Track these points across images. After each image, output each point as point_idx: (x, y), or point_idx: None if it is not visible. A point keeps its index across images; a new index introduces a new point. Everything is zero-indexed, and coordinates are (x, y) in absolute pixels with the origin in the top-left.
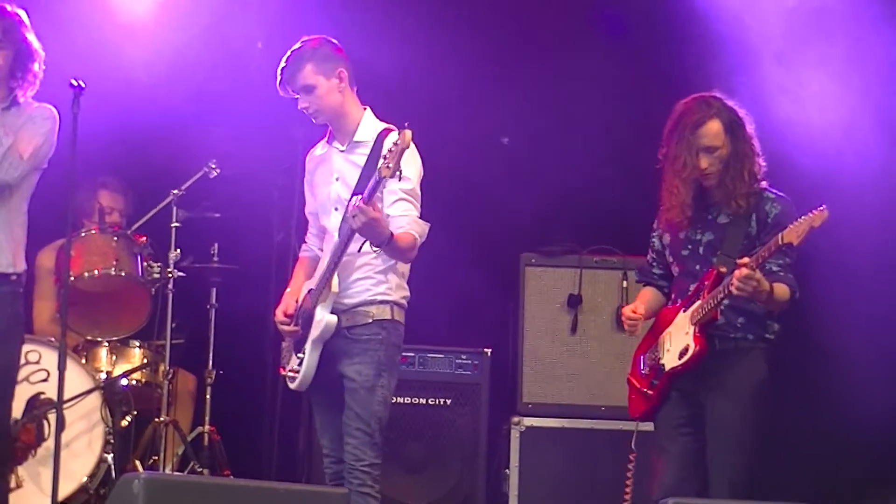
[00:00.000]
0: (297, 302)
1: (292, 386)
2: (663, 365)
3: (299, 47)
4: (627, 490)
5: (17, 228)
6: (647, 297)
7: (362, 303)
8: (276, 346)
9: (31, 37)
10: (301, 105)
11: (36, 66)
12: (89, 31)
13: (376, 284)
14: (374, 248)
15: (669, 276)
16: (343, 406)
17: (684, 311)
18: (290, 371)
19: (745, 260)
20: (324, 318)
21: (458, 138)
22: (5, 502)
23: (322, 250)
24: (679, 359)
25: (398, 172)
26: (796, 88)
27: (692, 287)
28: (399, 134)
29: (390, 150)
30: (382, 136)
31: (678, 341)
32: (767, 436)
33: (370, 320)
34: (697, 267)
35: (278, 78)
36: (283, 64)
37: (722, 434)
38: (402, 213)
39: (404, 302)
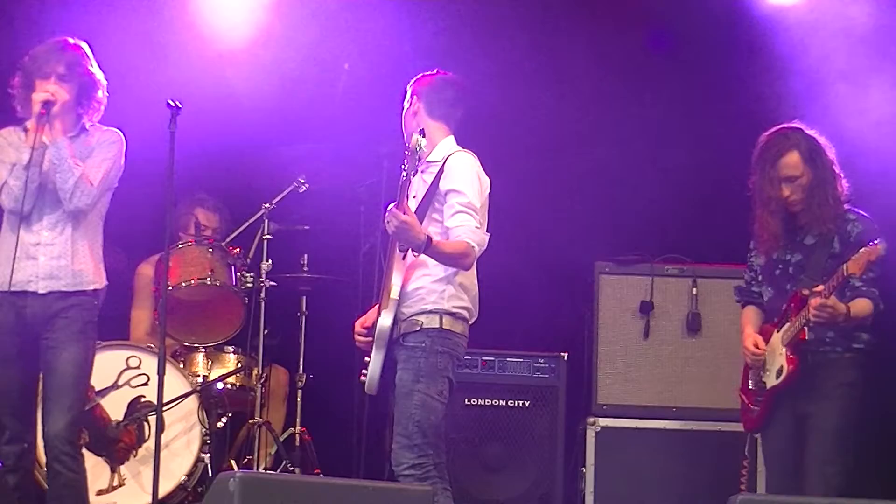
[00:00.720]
0: (361, 320)
1: (365, 389)
2: (765, 383)
3: None
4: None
5: (97, 247)
6: (752, 319)
7: (416, 312)
8: (363, 352)
9: (94, 67)
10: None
11: (100, 94)
12: (188, 56)
13: (428, 294)
14: (415, 254)
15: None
16: None
17: (777, 332)
18: (363, 375)
19: (819, 288)
20: (380, 322)
21: (535, 152)
22: (86, 491)
23: None
24: (776, 378)
25: (419, 166)
26: (865, 108)
27: (783, 307)
28: (413, 138)
29: (412, 150)
30: (449, 157)
31: (775, 361)
32: (864, 439)
33: (418, 328)
34: (788, 286)
35: None
36: None
37: (819, 436)
38: (460, 224)
39: (461, 312)
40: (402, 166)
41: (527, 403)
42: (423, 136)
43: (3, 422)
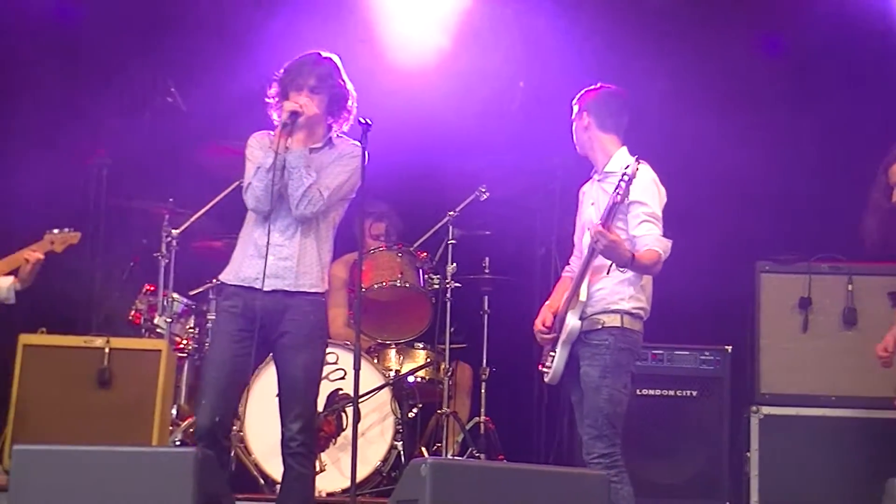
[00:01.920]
0: (553, 314)
1: (546, 380)
2: None
3: None
4: None
5: (325, 254)
6: None
7: (598, 311)
8: (541, 346)
9: (345, 79)
10: None
11: (349, 104)
12: (378, 77)
13: (610, 294)
14: (620, 269)
15: None
16: None
17: None
18: (544, 367)
19: None
20: (570, 322)
21: (696, 155)
22: (313, 484)
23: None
24: None
25: (626, 198)
26: None
27: None
28: (628, 166)
29: (621, 181)
30: (626, 167)
31: None
32: None
33: (600, 327)
34: None
35: None
36: None
37: None
38: (646, 233)
39: (639, 311)
40: (616, 191)
41: (694, 393)
42: (639, 164)
43: (205, 392)
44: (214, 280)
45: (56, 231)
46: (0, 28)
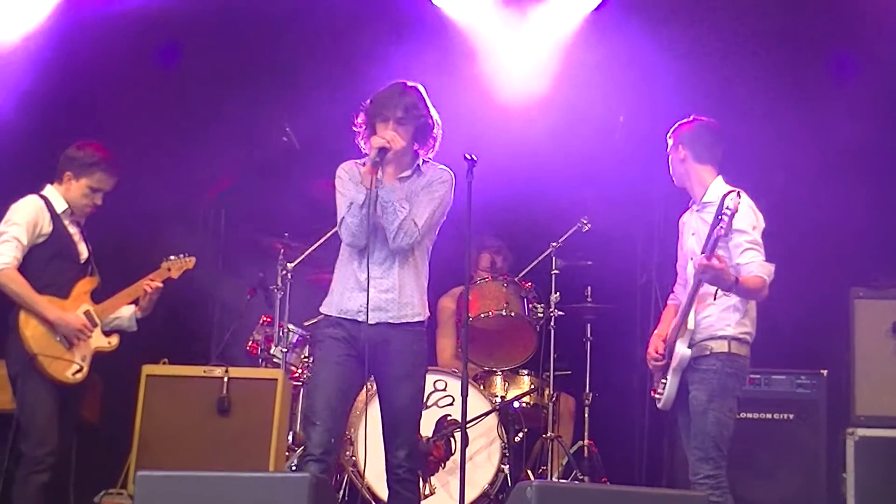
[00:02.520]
0: (663, 342)
1: (659, 406)
2: None
3: None
4: None
5: (423, 280)
6: None
7: (706, 338)
8: (641, 372)
9: (430, 107)
10: None
11: (435, 131)
12: (481, 114)
13: (717, 321)
14: (726, 293)
15: None
16: None
17: None
18: (656, 394)
19: None
20: (679, 351)
21: (785, 184)
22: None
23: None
24: None
25: (729, 231)
26: None
27: None
28: (731, 199)
29: (723, 215)
30: (725, 197)
31: None
32: None
33: (708, 353)
34: None
35: None
36: None
37: None
38: (750, 261)
39: (745, 336)
40: (720, 226)
41: (791, 416)
42: (739, 198)
43: (318, 414)
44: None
45: (172, 258)
46: (129, 68)
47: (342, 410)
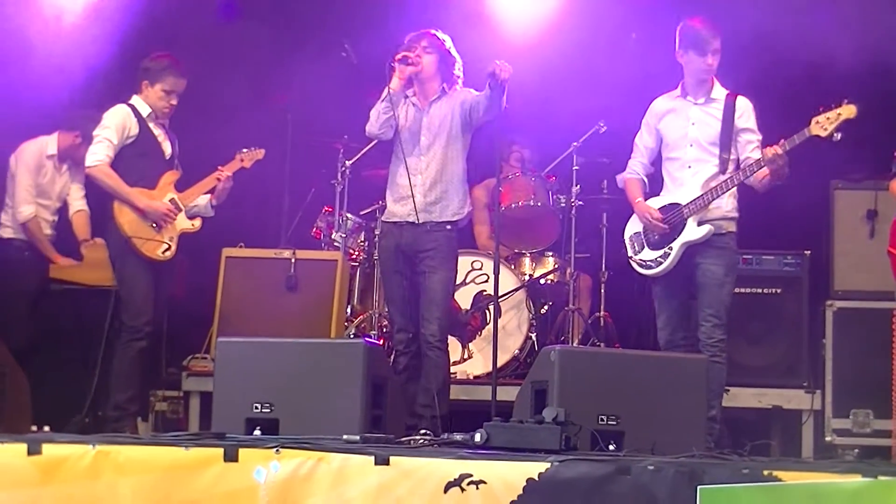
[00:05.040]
0: (651, 210)
1: (649, 272)
2: None
3: None
4: None
5: (462, 179)
6: None
7: (718, 217)
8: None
9: (452, 49)
10: None
11: (457, 69)
12: (508, 34)
13: (725, 203)
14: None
15: None
16: (683, 295)
17: None
18: (649, 260)
19: None
20: (697, 227)
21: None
22: (448, 369)
23: (647, 177)
24: None
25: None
26: None
27: None
28: (743, 100)
29: (828, 118)
30: (731, 98)
31: None
32: None
33: (724, 232)
34: None
35: None
36: None
37: None
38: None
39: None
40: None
41: (778, 291)
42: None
43: (393, 317)
44: (379, 202)
45: (245, 150)
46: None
47: (410, 308)
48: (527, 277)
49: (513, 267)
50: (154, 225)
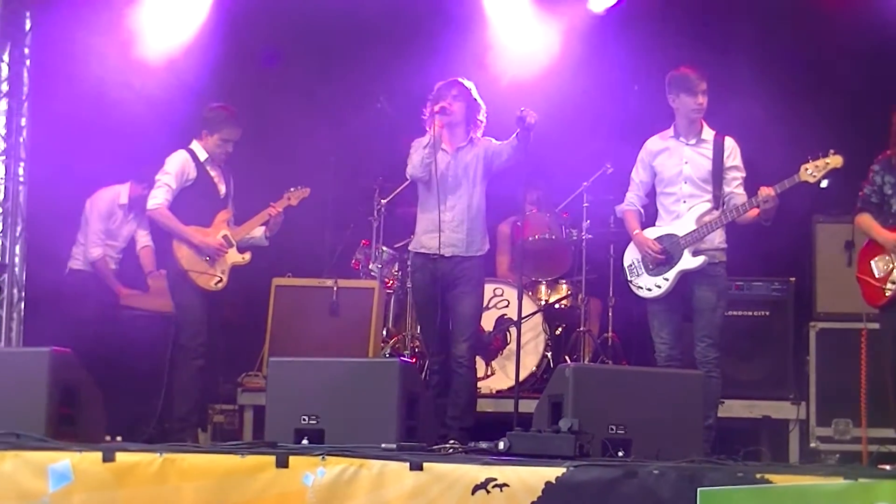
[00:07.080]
0: (650, 243)
1: (651, 294)
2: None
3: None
4: None
5: (482, 219)
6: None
7: (711, 248)
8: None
9: (478, 98)
10: None
11: (481, 115)
12: (517, 88)
13: (717, 236)
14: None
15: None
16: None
17: None
18: (647, 286)
19: None
20: (692, 257)
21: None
22: (475, 386)
23: (642, 208)
24: None
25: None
26: None
27: None
28: (731, 141)
29: (816, 166)
30: (719, 138)
31: None
32: None
33: (717, 261)
34: None
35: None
36: None
37: None
38: (742, 193)
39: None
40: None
41: (766, 313)
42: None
43: (429, 343)
44: (411, 236)
45: (293, 189)
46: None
47: (444, 332)
48: (543, 302)
49: (531, 293)
50: (208, 259)
